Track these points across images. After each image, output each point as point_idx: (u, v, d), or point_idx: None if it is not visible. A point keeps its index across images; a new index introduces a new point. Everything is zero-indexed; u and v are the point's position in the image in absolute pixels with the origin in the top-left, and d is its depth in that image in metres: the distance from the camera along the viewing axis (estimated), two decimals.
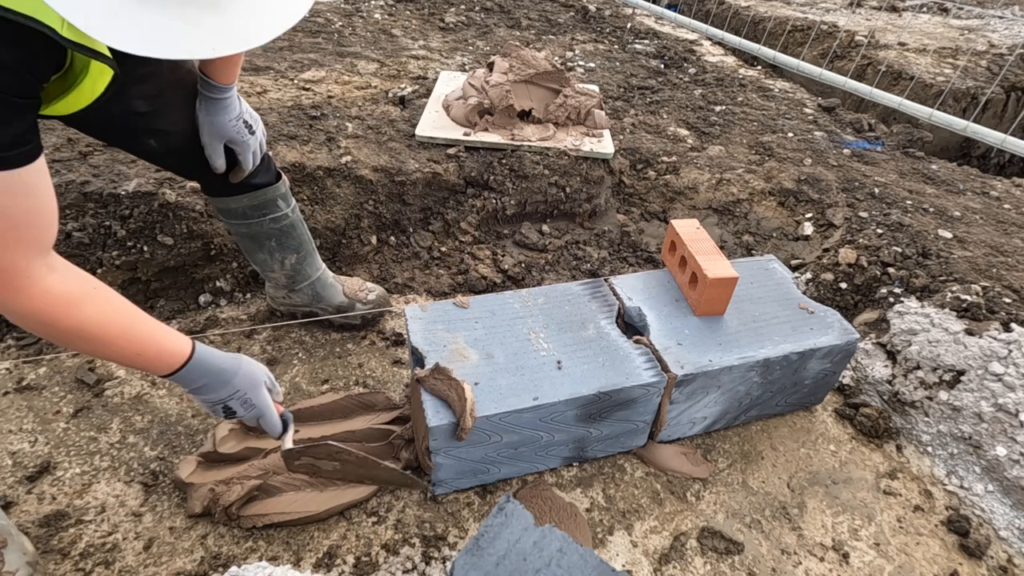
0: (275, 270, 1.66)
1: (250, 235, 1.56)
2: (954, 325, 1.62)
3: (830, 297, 1.94)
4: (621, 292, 1.62)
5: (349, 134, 2.23)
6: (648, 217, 2.42)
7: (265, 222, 1.53)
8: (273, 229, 1.56)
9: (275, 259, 1.63)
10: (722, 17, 4.61)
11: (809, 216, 2.26)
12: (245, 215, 1.51)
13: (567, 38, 3.73)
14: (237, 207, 1.49)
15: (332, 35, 3.14)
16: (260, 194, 1.49)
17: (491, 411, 1.27)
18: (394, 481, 1.40)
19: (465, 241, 2.21)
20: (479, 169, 2.23)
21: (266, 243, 1.58)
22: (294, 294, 1.74)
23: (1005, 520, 1.45)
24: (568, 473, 1.49)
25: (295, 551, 1.28)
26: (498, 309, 1.53)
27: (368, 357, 1.75)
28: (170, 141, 1.28)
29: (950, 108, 3.45)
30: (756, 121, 2.87)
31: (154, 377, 1.61)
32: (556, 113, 2.43)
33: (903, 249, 1.92)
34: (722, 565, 1.33)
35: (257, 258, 1.64)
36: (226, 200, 1.48)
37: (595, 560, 0.92)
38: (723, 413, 1.56)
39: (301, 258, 1.66)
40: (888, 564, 1.37)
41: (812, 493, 1.50)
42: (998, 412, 1.47)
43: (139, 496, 1.35)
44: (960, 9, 5.01)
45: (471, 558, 0.91)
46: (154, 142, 1.26)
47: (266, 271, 1.68)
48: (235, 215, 1.51)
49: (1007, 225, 2.14)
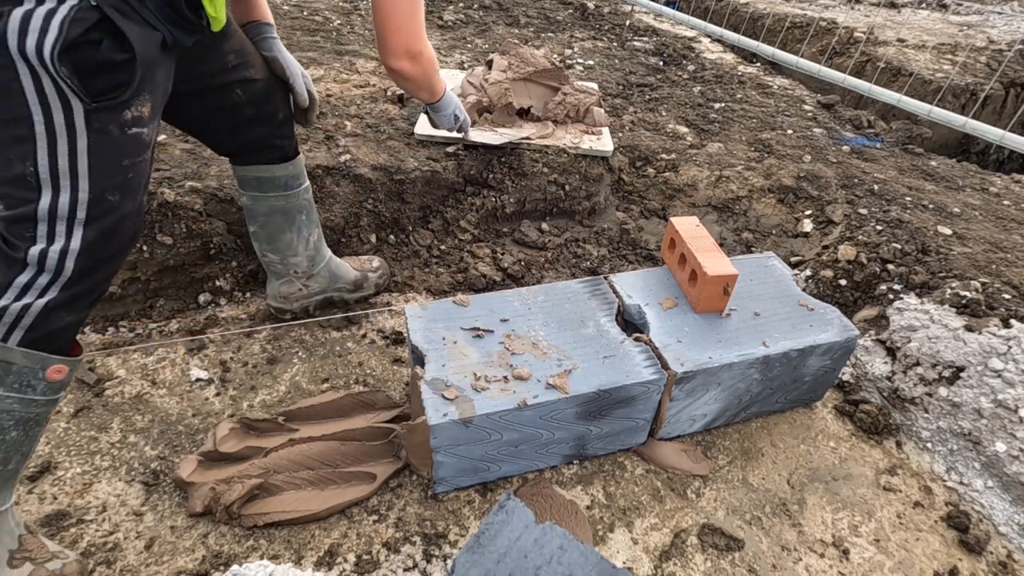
0: (299, 253, 1.69)
1: (284, 209, 1.61)
2: (954, 321, 1.63)
3: (830, 294, 1.94)
4: (621, 290, 1.62)
5: (348, 132, 2.23)
6: (647, 215, 2.42)
7: (300, 192, 1.62)
8: (305, 200, 1.65)
9: (302, 237, 1.67)
10: (721, 14, 4.61)
11: (808, 213, 2.26)
12: (287, 185, 1.57)
13: (566, 36, 3.72)
14: (281, 175, 1.55)
15: (331, 33, 3.13)
16: (298, 161, 1.58)
17: (491, 409, 1.27)
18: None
19: (464, 239, 2.21)
20: (478, 167, 2.23)
21: (297, 217, 1.64)
22: (312, 280, 1.76)
23: (1004, 516, 1.45)
24: (568, 471, 1.49)
25: (296, 550, 1.28)
26: (498, 307, 1.53)
27: (368, 356, 1.75)
28: (254, 88, 1.40)
29: (949, 104, 3.45)
30: (755, 118, 2.87)
31: (154, 377, 1.61)
32: (555, 111, 2.43)
33: (902, 246, 1.93)
34: (722, 562, 1.34)
35: (283, 241, 1.65)
36: (272, 168, 1.54)
37: (596, 557, 0.92)
38: (723, 410, 1.57)
39: (319, 234, 1.74)
40: (888, 560, 1.37)
41: (812, 490, 1.51)
42: (997, 408, 1.47)
43: (140, 495, 1.35)
44: (959, 5, 5.00)
45: (472, 556, 0.91)
46: (240, 91, 1.38)
47: (288, 257, 1.69)
48: (276, 186, 1.56)
49: (1006, 221, 2.14)
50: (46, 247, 1.00)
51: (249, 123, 1.44)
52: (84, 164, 0.98)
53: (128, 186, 1.06)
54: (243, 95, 1.38)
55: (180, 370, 1.64)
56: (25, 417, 1.06)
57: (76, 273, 1.03)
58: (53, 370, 1.06)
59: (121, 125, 1.01)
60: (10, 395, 1.02)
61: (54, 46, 0.89)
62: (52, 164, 0.96)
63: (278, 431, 1.47)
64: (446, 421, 1.24)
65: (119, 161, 1.03)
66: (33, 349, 1.02)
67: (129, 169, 1.05)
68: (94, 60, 0.93)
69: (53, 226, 0.99)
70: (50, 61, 0.90)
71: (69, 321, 1.06)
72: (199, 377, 1.62)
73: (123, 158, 1.03)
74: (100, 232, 1.04)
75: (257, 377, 1.65)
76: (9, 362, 1.00)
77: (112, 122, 1.00)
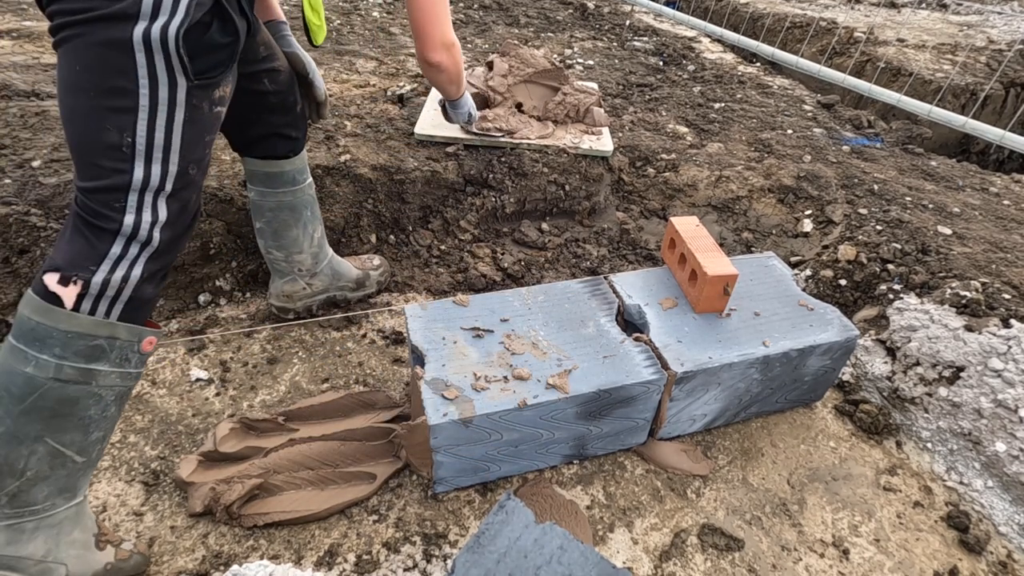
0: (304, 249, 1.70)
1: (292, 205, 1.63)
2: (953, 321, 1.63)
3: (830, 294, 1.94)
4: (621, 290, 1.62)
5: (348, 132, 2.23)
6: (647, 215, 2.42)
7: (306, 187, 1.65)
8: (309, 195, 1.68)
9: (307, 232, 1.69)
10: (721, 14, 4.61)
11: (808, 213, 2.26)
12: (294, 180, 1.61)
13: (566, 35, 3.73)
14: (289, 170, 1.58)
15: (330, 33, 3.13)
16: (303, 156, 1.62)
17: (491, 409, 1.27)
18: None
19: (464, 239, 2.21)
20: (478, 167, 2.23)
21: (303, 212, 1.66)
22: (315, 279, 1.77)
23: (1004, 516, 1.45)
24: (568, 471, 1.49)
25: (296, 550, 1.28)
26: (498, 307, 1.53)
27: (368, 356, 1.75)
28: (279, 78, 1.45)
29: (949, 104, 3.45)
30: (755, 118, 2.87)
31: (154, 377, 1.61)
32: (555, 111, 2.43)
33: (902, 246, 1.93)
34: (722, 562, 1.34)
35: (289, 236, 1.67)
36: (281, 164, 1.56)
37: (596, 557, 0.92)
38: (723, 410, 1.57)
39: (323, 231, 1.76)
40: (888, 560, 1.37)
41: (812, 489, 1.51)
42: (997, 408, 1.47)
43: (140, 495, 1.35)
44: (959, 5, 5.00)
45: (472, 556, 0.91)
46: (267, 80, 1.43)
47: (294, 254, 1.70)
48: (285, 181, 1.59)
49: (1006, 221, 2.14)
50: (138, 217, 1.03)
51: (271, 112, 1.49)
52: (178, 138, 1.03)
53: (204, 161, 1.13)
54: (269, 84, 1.44)
55: (180, 370, 1.64)
56: (123, 391, 1.10)
57: (163, 244, 1.07)
58: (147, 342, 1.09)
59: (211, 103, 1.08)
60: (114, 370, 1.06)
61: (180, 25, 0.95)
62: (150, 136, 1.00)
63: (278, 431, 1.47)
64: (446, 421, 1.24)
65: (203, 136, 1.09)
66: (131, 323, 1.06)
67: (207, 145, 1.13)
68: (205, 41, 1.01)
69: (143, 197, 1.03)
70: (174, 39, 0.95)
71: (153, 293, 1.10)
72: (199, 377, 1.62)
73: (207, 134, 1.10)
74: (180, 205, 1.09)
75: (257, 377, 1.65)
76: (115, 337, 1.04)
77: (206, 99, 1.06)
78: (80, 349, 1.00)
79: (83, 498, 1.13)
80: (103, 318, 1.02)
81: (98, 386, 1.04)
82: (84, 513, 1.14)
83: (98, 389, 1.04)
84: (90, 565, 1.12)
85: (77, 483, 1.10)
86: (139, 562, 1.19)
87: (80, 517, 1.13)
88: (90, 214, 1.01)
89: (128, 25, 0.93)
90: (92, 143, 0.99)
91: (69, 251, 1.01)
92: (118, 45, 0.94)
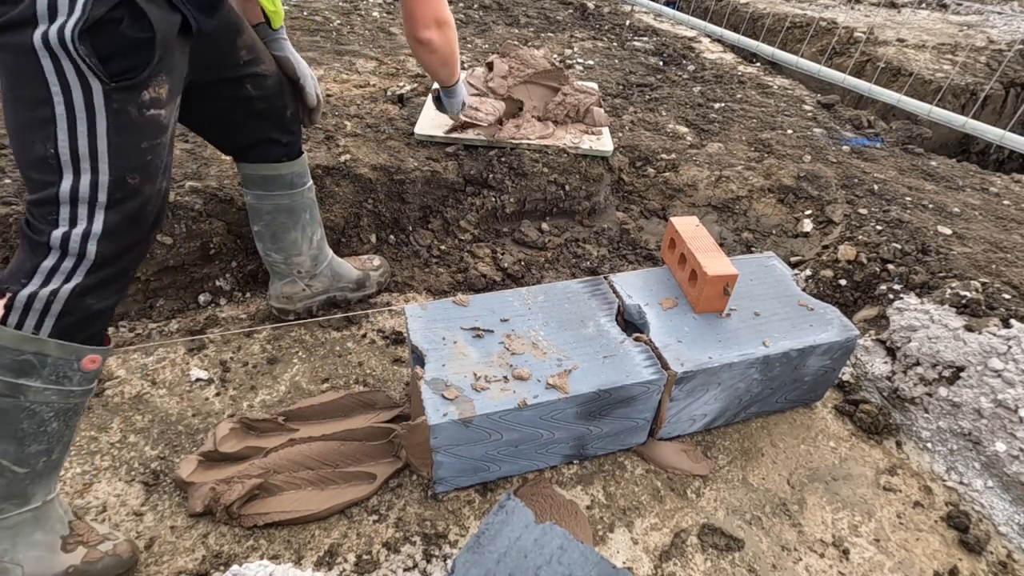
0: (303, 252, 1.69)
1: (290, 208, 1.61)
2: (953, 321, 1.63)
3: (830, 294, 1.94)
4: (621, 290, 1.62)
5: (348, 132, 2.23)
6: (647, 215, 2.42)
7: (304, 191, 1.63)
8: (309, 198, 1.66)
9: (306, 235, 1.68)
10: (721, 14, 4.61)
11: (808, 213, 2.26)
12: (292, 183, 1.59)
13: (566, 35, 3.72)
14: (287, 173, 1.57)
15: (330, 33, 3.13)
16: (303, 160, 1.60)
17: (491, 409, 1.27)
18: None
19: (464, 239, 2.21)
20: (478, 167, 2.23)
21: (302, 215, 1.64)
22: (315, 280, 1.76)
23: (1004, 516, 1.45)
24: (568, 471, 1.49)
25: (296, 550, 1.28)
26: (498, 307, 1.53)
27: (368, 356, 1.75)
28: (265, 84, 1.41)
29: (949, 104, 3.45)
30: (755, 118, 2.87)
31: (154, 377, 1.61)
32: (555, 111, 2.43)
33: (902, 246, 1.93)
34: (722, 562, 1.34)
35: (288, 239, 1.66)
36: (278, 167, 1.54)
37: (596, 557, 0.92)
38: (723, 410, 1.57)
39: (322, 233, 1.75)
40: (888, 560, 1.37)
41: (812, 489, 1.51)
42: (997, 408, 1.47)
43: (140, 495, 1.35)
44: (959, 5, 5.00)
45: (472, 556, 0.91)
46: (251, 86, 1.39)
47: (293, 256, 1.69)
48: (282, 184, 1.57)
49: (1006, 221, 2.14)
50: (68, 230, 1.00)
51: (258, 118, 1.45)
52: (104, 146, 0.99)
53: (148, 169, 1.07)
54: (253, 90, 1.39)
55: (180, 370, 1.64)
56: (64, 408, 1.07)
57: (100, 257, 1.03)
58: (87, 360, 1.06)
59: (139, 106, 1.02)
60: (48, 387, 1.02)
61: (76, 25, 0.90)
62: (72, 146, 0.97)
63: (278, 431, 1.47)
64: (446, 421, 1.24)
65: (138, 143, 1.04)
66: (65, 339, 1.03)
67: (148, 152, 1.06)
68: (114, 39, 0.94)
69: (75, 209, 1.00)
70: (70, 41, 0.90)
71: (98, 309, 1.07)
72: (199, 377, 1.62)
73: (142, 140, 1.04)
74: (122, 216, 1.04)
75: (257, 377, 1.65)
76: (44, 354, 1.01)
77: (131, 103, 1.00)
78: (7, 363, 0.98)
79: (44, 503, 1.11)
80: (31, 333, 0.99)
81: (28, 401, 1.01)
82: (49, 516, 1.12)
83: (29, 404, 1.01)
84: (50, 567, 1.10)
85: (25, 491, 1.07)
86: (109, 564, 1.16)
87: (42, 520, 1.11)
88: (29, 227, 1.00)
89: (28, 29, 0.89)
90: (25, 156, 0.97)
91: (11, 265, 1.00)
92: (25, 51, 0.91)
